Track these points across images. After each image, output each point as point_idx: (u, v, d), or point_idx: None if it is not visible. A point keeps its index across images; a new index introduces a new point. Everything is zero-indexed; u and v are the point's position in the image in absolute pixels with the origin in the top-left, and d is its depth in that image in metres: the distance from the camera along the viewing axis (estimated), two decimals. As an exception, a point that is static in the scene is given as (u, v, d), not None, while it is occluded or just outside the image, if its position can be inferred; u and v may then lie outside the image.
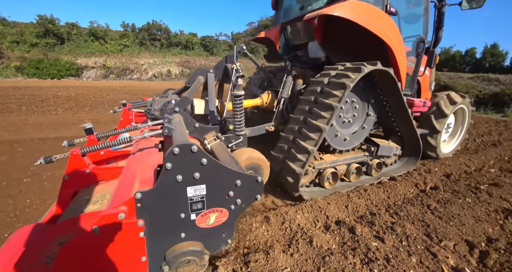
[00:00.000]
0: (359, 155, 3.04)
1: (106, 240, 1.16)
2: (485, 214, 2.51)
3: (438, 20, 3.46)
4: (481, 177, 3.52)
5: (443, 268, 1.75)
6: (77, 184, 1.67)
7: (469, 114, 4.46)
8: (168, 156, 1.19)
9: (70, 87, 13.30)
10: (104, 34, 24.50)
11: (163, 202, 1.26)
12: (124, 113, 3.15)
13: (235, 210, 1.43)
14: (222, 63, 3.16)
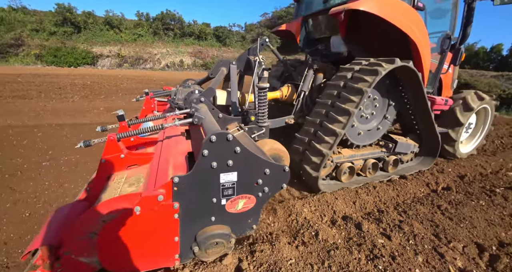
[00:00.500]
0: (377, 151, 3.03)
1: (144, 219, 1.27)
2: (498, 218, 2.43)
3: (467, 15, 3.28)
4: (497, 180, 3.39)
5: (450, 269, 1.73)
6: (112, 168, 1.79)
7: (491, 116, 4.29)
8: (205, 143, 1.27)
9: (86, 75, 13.65)
10: (119, 23, 24.78)
11: (198, 187, 1.35)
12: (147, 101, 3.28)
13: (262, 197, 1.52)
14: (245, 55, 3.18)
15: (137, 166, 1.85)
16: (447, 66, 3.58)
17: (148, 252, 1.38)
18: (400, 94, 3.01)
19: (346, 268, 1.59)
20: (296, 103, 3.08)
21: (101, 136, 1.72)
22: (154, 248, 1.38)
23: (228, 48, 28.70)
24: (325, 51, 3.66)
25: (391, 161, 3.16)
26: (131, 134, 1.77)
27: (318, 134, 2.46)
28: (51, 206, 2.23)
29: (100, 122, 4.90)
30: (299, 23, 3.87)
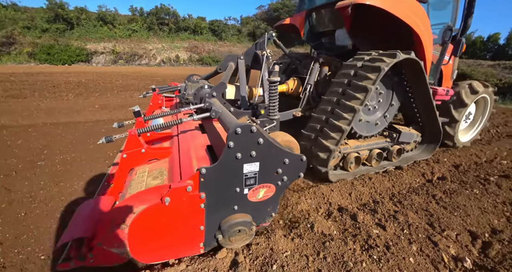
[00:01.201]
0: (381, 141, 3.11)
1: (173, 210, 1.33)
2: (492, 206, 2.47)
3: (468, 6, 3.28)
4: (491, 168, 3.43)
5: (443, 256, 1.76)
6: (133, 162, 1.84)
7: (491, 103, 4.35)
8: (231, 135, 1.32)
9: (80, 73, 13.47)
10: (113, 18, 24.31)
11: (223, 177, 1.41)
12: (154, 97, 3.32)
13: (281, 186, 1.59)
14: (252, 49, 3.23)
15: (157, 160, 1.91)
16: (448, 58, 3.61)
17: (175, 241, 1.45)
18: (403, 85, 3.05)
19: (341, 258, 1.61)
20: (303, 96, 3.14)
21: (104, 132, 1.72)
22: (181, 237, 1.45)
23: (224, 42, 28.34)
24: (329, 45, 3.69)
25: (395, 151, 3.22)
26: (151, 129, 1.82)
27: (324, 131, 2.51)
28: (47, 206, 2.22)
29: (96, 120, 4.87)
30: (302, 17, 3.88)
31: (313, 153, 2.59)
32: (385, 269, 1.58)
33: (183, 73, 15.77)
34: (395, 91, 3.01)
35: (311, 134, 2.68)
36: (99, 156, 3.29)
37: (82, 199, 2.36)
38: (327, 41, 3.75)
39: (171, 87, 3.49)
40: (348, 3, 2.51)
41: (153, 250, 1.40)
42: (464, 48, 3.71)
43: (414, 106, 3.26)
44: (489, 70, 15.48)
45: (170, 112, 2.13)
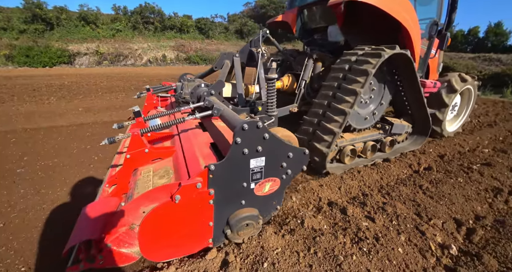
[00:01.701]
0: (375, 133, 3.21)
1: (183, 207, 1.33)
2: (475, 193, 2.55)
3: (452, 2, 3.42)
4: (474, 157, 3.54)
5: (430, 245, 1.80)
6: (137, 162, 1.83)
7: (474, 95, 4.55)
8: (238, 131, 1.35)
9: (63, 75, 12.99)
10: (95, 18, 23.52)
11: (231, 173, 1.43)
12: (149, 97, 3.32)
13: (285, 179, 1.64)
14: (247, 47, 3.29)
15: (161, 160, 1.91)
16: (435, 51, 3.73)
17: (185, 238, 1.46)
18: (394, 79, 3.13)
19: (332, 253, 1.62)
20: (298, 92, 3.20)
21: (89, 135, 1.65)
22: (190, 234, 1.46)
23: (212, 40, 28.01)
24: (321, 41, 3.77)
25: (388, 142, 3.34)
26: (153, 129, 1.82)
27: (327, 115, 2.55)
28: (28, 215, 2.12)
29: (80, 124, 4.70)
30: (294, 14, 3.92)
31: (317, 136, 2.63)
32: (375, 260, 1.60)
33: (171, 73, 15.49)
34: (387, 85, 3.09)
35: (313, 119, 2.75)
36: (83, 161, 3.18)
37: (66, 206, 2.27)
38: (319, 37, 3.82)
39: (165, 87, 3.48)
40: (340, 0, 2.55)
41: (163, 248, 1.40)
42: (449, 42, 3.85)
43: (405, 99, 3.36)
44: (470, 62, 16.00)
45: (169, 111, 2.12)
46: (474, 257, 1.71)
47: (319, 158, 2.61)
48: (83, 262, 1.27)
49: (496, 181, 2.84)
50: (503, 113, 7.35)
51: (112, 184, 1.89)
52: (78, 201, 2.33)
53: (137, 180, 1.70)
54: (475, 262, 1.67)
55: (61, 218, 2.09)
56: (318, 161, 2.63)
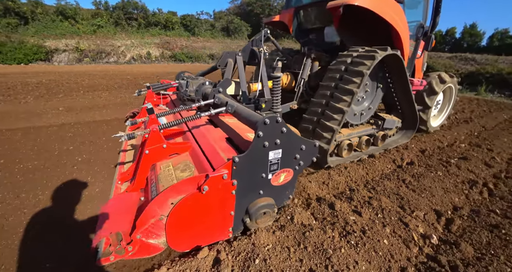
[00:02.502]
0: (368, 128, 3.42)
1: (209, 198, 1.42)
2: (453, 185, 2.70)
3: (436, 6, 3.68)
4: (452, 151, 3.75)
5: (413, 235, 1.89)
6: (155, 158, 1.88)
7: (455, 92, 4.88)
8: (260, 125, 1.46)
9: (39, 73, 12.31)
10: (74, 13, 22.42)
11: (252, 164, 1.53)
12: (149, 95, 3.40)
13: (298, 170, 1.77)
14: (248, 46, 3.43)
15: (177, 155, 1.97)
16: (420, 52, 3.97)
17: (208, 228, 1.55)
18: (385, 77, 3.31)
19: (321, 247, 1.66)
20: (297, 90, 3.35)
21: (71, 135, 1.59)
22: (213, 223, 1.56)
23: (198, 37, 27.55)
24: (316, 41, 3.91)
25: (380, 136, 3.55)
26: (172, 125, 1.88)
27: (326, 113, 2.68)
28: (7, 221, 2.02)
29: (61, 124, 4.49)
30: (291, 14, 4.04)
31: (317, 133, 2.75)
32: (362, 252, 1.66)
33: (156, 71, 15.10)
34: (379, 83, 3.31)
35: (313, 117, 2.87)
36: (66, 162, 3.05)
37: (49, 210, 2.18)
38: (315, 37, 3.97)
39: (164, 85, 3.51)
40: (339, 4, 2.71)
41: (188, 238, 1.49)
42: (433, 44, 4.09)
43: (395, 96, 3.57)
44: (447, 61, 16.78)
45: (180, 108, 2.21)
46: (453, 245, 1.83)
47: (320, 153, 2.73)
48: (113, 254, 1.33)
49: (472, 173, 3.02)
50: (477, 110, 7.80)
51: (124, 180, 2.01)
52: (61, 204, 2.25)
53: (158, 174, 1.75)
54: (454, 249, 1.78)
55: (44, 223, 2.01)
56: (320, 156, 2.75)
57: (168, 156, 1.94)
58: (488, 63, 15.49)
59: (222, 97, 2.17)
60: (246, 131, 1.96)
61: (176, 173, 1.72)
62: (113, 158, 3.16)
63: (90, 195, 2.39)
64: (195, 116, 1.91)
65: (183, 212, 1.37)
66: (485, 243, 1.86)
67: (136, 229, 1.36)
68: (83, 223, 2.00)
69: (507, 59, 15.63)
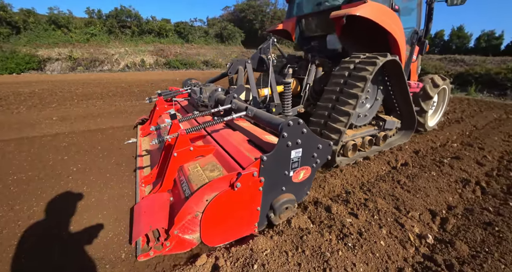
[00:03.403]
0: (371, 129, 3.61)
1: (240, 194, 1.55)
2: (446, 185, 2.75)
3: (429, 14, 3.97)
4: (445, 151, 3.82)
5: (409, 236, 1.92)
6: (183, 160, 2.00)
7: (449, 92, 5.13)
8: (285, 127, 1.61)
9: (32, 82, 12.21)
10: (67, 21, 22.41)
11: (276, 163, 1.67)
12: (160, 102, 3.62)
13: (315, 167, 1.92)
14: (257, 54, 3.63)
15: (202, 157, 2.08)
16: (415, 56, 4.19)
17: (237, 223, 1.68)
18: (385, 81, 3.52)
19: (319, 250, 1.68)
20: (303, 95, 3.56)
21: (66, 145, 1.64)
22: (242, 219, 1.68)
23: (192, 44, 27.72)
24: (318, 48, 4.11)
25: (381, 137, 3.71)
26: (198, 129, 2.01)
27: (332, 116, 2.81)
28: (1, 233, 1.97)
29: (55, 134, 4.44)
30: (293, 23, 4.24)
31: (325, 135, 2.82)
32: (359, 254, 1.68)
33: (151, 78, 15.10)
34: (379, 86, 3.47)
35: (320, 120, 2.95)
36: (61, 172, 3.02)
37: (44, 221, 2.14)
38: (317, 44, 4.18)
39: (173, 92, 3.71)
40: (342, 14, 2.87)
41: (219, 233, 1.62)
42: (427, 48, 4.33)
43: (393, 98, 3.73)
44: (437, 63, 17.16)
45: (199, 114, 2.35)
46: (448, 244, 1.86)
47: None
48: (152, 249, 1.46)
49: (465, 172, 3.08)
50: (468, 109, 7.97)
51: (148, 183, 2.20)
52: (56, 215, 2.21)
53: (188, 175, 1.86)
54: (449, 248, 1.81)
55: (39, 235, 1.98)
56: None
57: (194, 158, 2.05)
58: (477, 63, 15.90)
59: (238, 103, 2.32)
60: (263, 133, 2.16)
61: (206, 173, 1.83)
62: (109, 167, 3.14)
63: (86, 205, 2.36)
64: (218, 121, 2.03)
65: (217, 208, 1.49)
66: (479, 241, 1.90)
67: (174, 225, 1.47)
68: (79, 234, 1.98)
69: (494, 59, 16.07)
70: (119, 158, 3.41)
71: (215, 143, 2.15)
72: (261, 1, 34.66)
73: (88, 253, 1.78)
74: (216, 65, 24.95)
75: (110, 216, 2.19)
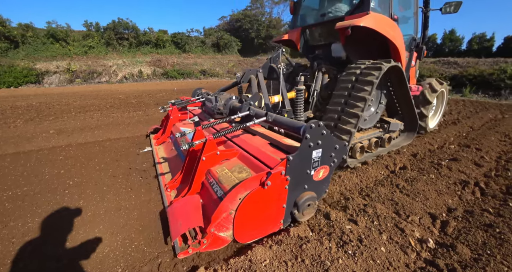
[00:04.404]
0: (376, 132, 3.77)
1: (269, 192, 1.68)
2: (445, 187, 2.74)
3: (425, 22, 4.27)
4: (442, 153, 3.82)
5: (410, 241, 1.89)
6: (210, 164, 2.10)
7: (447, 94, 5.40)
8: (308, 129, 1.74)
9: (30, 96, 12.26)
10: (65, 35, 22.77)
11: (300, 162, 1.79)
12: (174, 111, 3.86)
13: (332, 166, 2.03)
14: (267, 63, 3.86)
15: (227, 160, 2.18)
16: (414, 62, 4.42)
17: (265, 220, 1.79)
18: (387, 86, 3.69)
19: (318, 259, 1.65)
20: (312, 100, 3.78)
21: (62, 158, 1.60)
22: (269, 216, 1.79)
23: (189, 54, 28.10)
24: (323, 56, 4.33)
25: (386, 138, 3.87)
26: (222, 134, 2.15)
27: (342, 118, 2.92)
28: (-5, 251, 1.94)
29: (51, 147, 4.42)
30: (298, 33, 4.48)
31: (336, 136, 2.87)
32: (360, 262, 1.65)
33: (148, 89, 15.21)
34: (382, 91, 3.66)
35: (330, 122, 3.02)
36: (57, 187, 2.98)
37: (39, 238, 2.10)
38: (321, 52, 4.38)
39: (185, 101, 3.93)
40: (347, 25, 3.05)
41: (250, 231, 1.72)
42: (425, 54, 4.55)
43: (396, 101, 3.89)
44: (432, 66, 17.42)
45: (221, 120, 2.52)
46: (449, 248, 1.83)
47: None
48: (190, 247, 1.58)
49: (463, 174, 3.08)
50: (464, 111, 8.03)
51: (173, 188, 2.35)
52: (52, 231, 2.17)
53: (218, 177, 1.96)
54: (451, 252, 1.78)
55: (33, 252, 1.94)
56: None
57: (219, 162, 2.15)
58: (470, 65, 16.14)
59: (256, 109, 2.51)
60: (281, 137, 2.29)
61: (234, 175, 1.92)
62: (106, 180, 3.12)
63: (82, 219, 2.32)
64: (241, 126, 2.21)
65: (248, 206, 1.60)
66: (480, 243, 1.87)
67: (211, 223, 1.56)
68: (75, 251, 1.93)
69: (487, 61, 16.33)
70: (116, 171, 3.38)
71: (237, 148, 2.27)
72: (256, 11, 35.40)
73: (83, 270, 1.74)
74: (213, 74, 25.21)
75: (106, 230, 2.16)
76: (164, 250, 1.88)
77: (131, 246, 1.95)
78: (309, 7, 4.56)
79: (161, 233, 2.08)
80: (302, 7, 4.58)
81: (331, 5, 3.99)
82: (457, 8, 4.12)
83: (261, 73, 3.53)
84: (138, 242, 1.99)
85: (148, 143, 4.52)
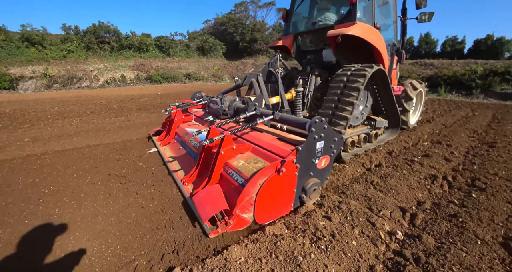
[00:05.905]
0: (364, 128, 4.16)
1: (283, 178, 1.95)
2: (416, 182, 2.90)
3: (403, 29, 4.79)
4: (416, 150, 4.03)
5: (380, 234, 2.00)
6: (227, 157, 2.40)
7: (424, 94, 5.88)
8: (313, 124, 2.08)
9: (3, 103, 11.66)
10: (41, 38, 21.83)
11: (307, 152, 2.10)
12: (179, 113, 4.14)
13: (332, 156, 2.36)
14: (266, 68, 4.40)
15: (242, 154, 2.47)
16: (395, 65, 4.86)
17: (278, 203, 2.06)
18: (373, 87, 4.05)
19: (292, 254, 1.71)
20: (306, 101, 4.16)
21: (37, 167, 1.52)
22: (282, 199, 2.07)
23: (173, 58, 27.76)
24: (314, 60, 4.76)
25: (373, 134, 4.23)
26: (239, 130, 2.52)
27: (333, 121, 3.23)
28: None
29: (25, 156, 4.24)
30: (291, 39, 4.86)
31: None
32: (331, 256, 1.72)
33: (131, 93, 14.88)
34: (369, 91, 4.02)
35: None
36: (31, 196, 2.88)
37: (11, 250, 2.02)
38: (313, 57, 4.76)
39: (187, 104, 4.29)
40: (337, 33, 3.44)
41: (267, 213, 1.98)
42: (404, 57, 5.00)
43: (380, 101, 4.27)
44: (410, 67, 18.26)
45: (228, 120, 2.86)
46: (416, 238, 1.95)
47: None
48: (219, 227, 1.88)
49: (433, 169, 3.26)
50: (439, 109, 8.47)
51: (190, 182, 2.65)
52: (25, 243, 2.10)
53: (237, 168, 2.23)
54: (417, 242, 1.89)
55: (4, 267, 1.87)
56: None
57: (235, 155, 2.43)
58: (444, 66, 17.06)
59: (262, 109, 2.83)
60: (285, 134, 2.59)
61: (251, 165, 2.20)
62: (83, 187, 3.04)
63: (58, 228, 2.26)
64: (250, 124, 2.59)
65: (267, 190, 1.85)
66: (444, 233, 2.01)
67: (236, 206, 1.81)
68: (49, 259, 1.88)
69: (459, 62, 17.34)
70: (94, 177, 3.31)
71: (248, 143, 2.58)
72: (241, 14, 35.64)
73: (56, 279, 1.70)
74: (198, 78, 25.05)
75: (82, 237, 2.12)
76: (141, 253, 1.87)
77: (107, 251, 1.93)
78: (300, 15, 4.97)
79: (138, 236, 2.06)
80: (294, 15, 4.95)
81: (321, 14, 4.43)
82: (430, 17, 4.56)
83: (261, 77, 3.86)
84: (115, 247, 1.97)
85: (134, 146, 4.45)
